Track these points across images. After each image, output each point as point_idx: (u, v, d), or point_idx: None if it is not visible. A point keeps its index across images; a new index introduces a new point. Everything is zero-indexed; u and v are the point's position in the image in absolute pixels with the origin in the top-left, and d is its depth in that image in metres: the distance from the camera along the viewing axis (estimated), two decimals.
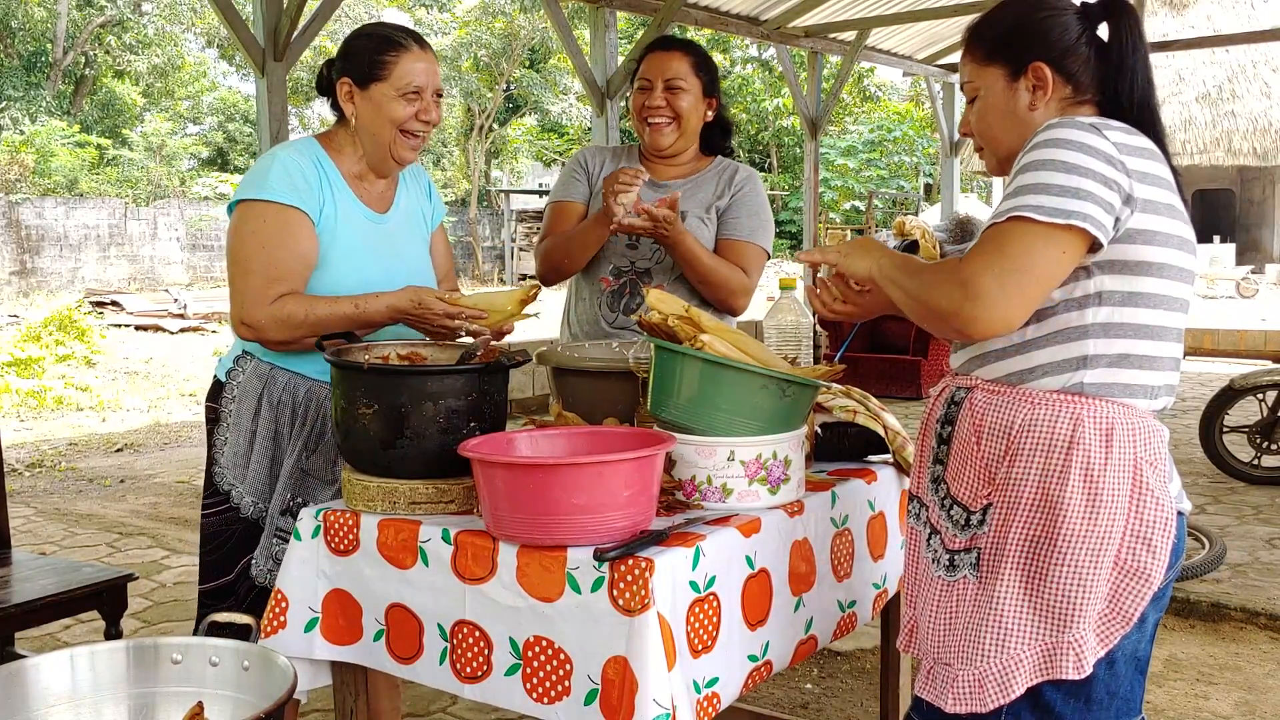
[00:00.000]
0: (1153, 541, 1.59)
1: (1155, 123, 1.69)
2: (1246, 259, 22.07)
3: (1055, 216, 1.52)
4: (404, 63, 2.24)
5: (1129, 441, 1.59)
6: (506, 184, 30.59)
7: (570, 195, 2.86)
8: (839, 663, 3.63)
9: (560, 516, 1.64)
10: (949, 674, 1.64)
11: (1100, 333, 1.60)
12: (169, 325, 15.95)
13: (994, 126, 1.76)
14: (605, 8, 8.59)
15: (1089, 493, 1.57)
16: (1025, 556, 1.60)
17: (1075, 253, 1.56)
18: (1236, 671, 3.57)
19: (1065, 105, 1.72)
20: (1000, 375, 1.66)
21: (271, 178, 2.22)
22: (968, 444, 1.67)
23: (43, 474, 6.85)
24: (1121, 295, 1.60)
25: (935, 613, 1.69)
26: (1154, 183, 1.59)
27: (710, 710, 1.70)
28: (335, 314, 2.18)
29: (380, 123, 2.27)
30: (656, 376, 1.89)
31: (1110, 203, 1.55)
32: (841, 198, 25.39)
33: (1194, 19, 18.51)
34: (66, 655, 1.73)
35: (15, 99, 26.04)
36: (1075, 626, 1.56)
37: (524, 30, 26.55)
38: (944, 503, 1.72)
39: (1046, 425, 1.60)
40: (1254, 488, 5.90)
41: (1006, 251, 1.54)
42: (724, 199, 2.79)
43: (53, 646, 3.69)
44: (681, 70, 2.71)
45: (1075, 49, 1.70)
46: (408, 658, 1.85)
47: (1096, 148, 1.56)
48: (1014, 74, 1.72)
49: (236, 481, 2.30)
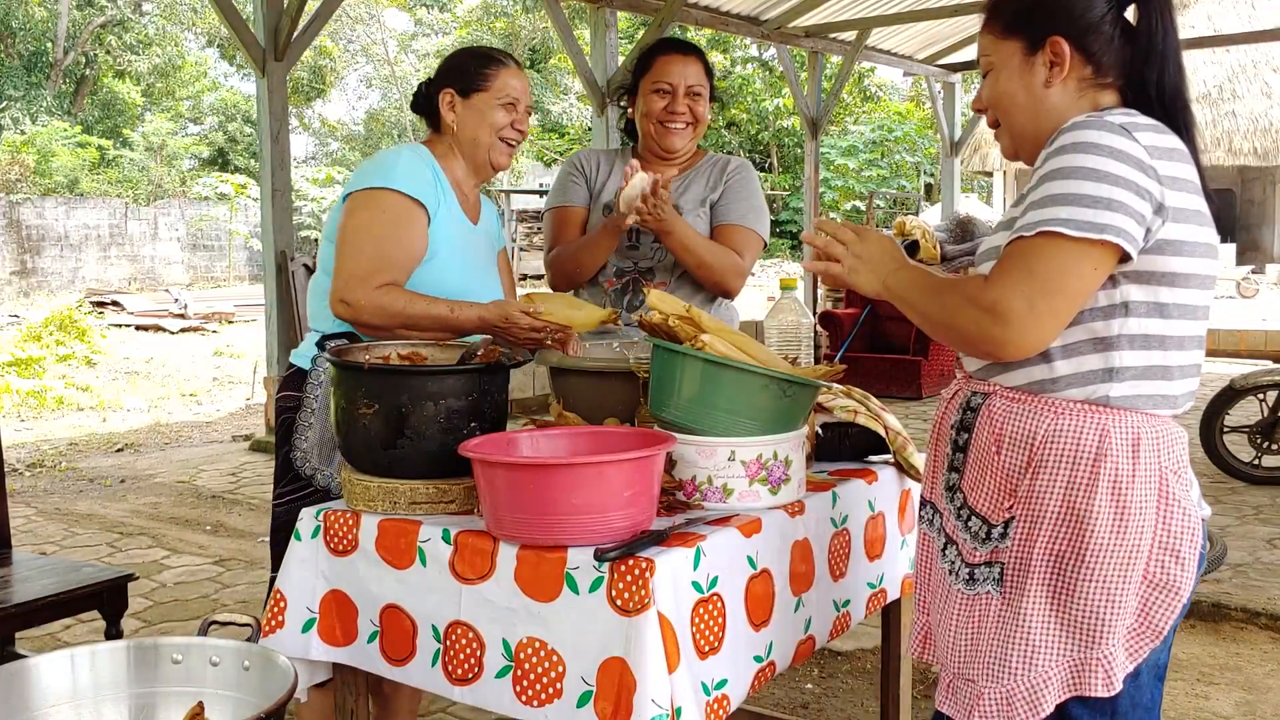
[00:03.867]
0: (1181, 553, 1.55)
1: (1186, 115, 1.61)
2: (1247, 259, 22.05)
3: (1088, 231, 1.45)
4: (503, 76, 2.44)
5: (1155, 451, 1.55)
6: (507, 184, 30.57)
7: (570, 200, 2.86)
8: (839, 663, 3.63)
9: (560, 516, 1.64)
10: (974, 690, 1.59)
11: (1127, 344, 1.54)
12: (169, 325, 15.95)
13: (1008, 103, 1.67)
14: (605, 8, 8.59)
15: (1117, 506, 1.52)
16: (1051, 572, 1.55)
17: (1107, 267, 1.50)
18: (1237, 671, 3.57)
19: (1084, 87, 1.63)
20: (1021, 383, 1.60)
21: (399, 170, 2.35)
22: (987, 453, 1.61)
23: (43, 474, 6.85)
24: (1148, 306, 1.54)
25: (956, 626, 1.64)
26: (1183, 188, 1.53)
27: (721, 712, 1.70)
28: (430, 314, 2.26)
29: (482, 128, 2.43)
30: (657, 376, 1.89)
31: (1142, 213, 1.48)
32: (842, 198, 25.38)
33: (1194, 19, 18.50)
34: (67, 655, 1.73)
35: (16, 99, 26.05)
36: (1105, 642, 1.53)
37: (524, 30, 26.57)
38: (960, 513, 1.66)
39: (1072, 436, 1.54)
40: (1254, 488, 5.90)
41: (1036, 271, 1.47)
42: (717, 190, 2.80)
43: (53, 646, 3.69)
44: (699, 75, 2.76)
45: (1098, 27, 1.61)
46: (400, 659, 1.84)
47: (1128, 152, 1.48)
48: (1031, 48, 1.63)
49: (322, 464, 2.30)
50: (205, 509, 5.93)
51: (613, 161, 2.87)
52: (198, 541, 5.29)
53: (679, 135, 2.77)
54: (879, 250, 1.69)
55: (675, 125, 2.75)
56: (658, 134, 2.77)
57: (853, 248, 1.71)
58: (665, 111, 2.74)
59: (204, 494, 6.24)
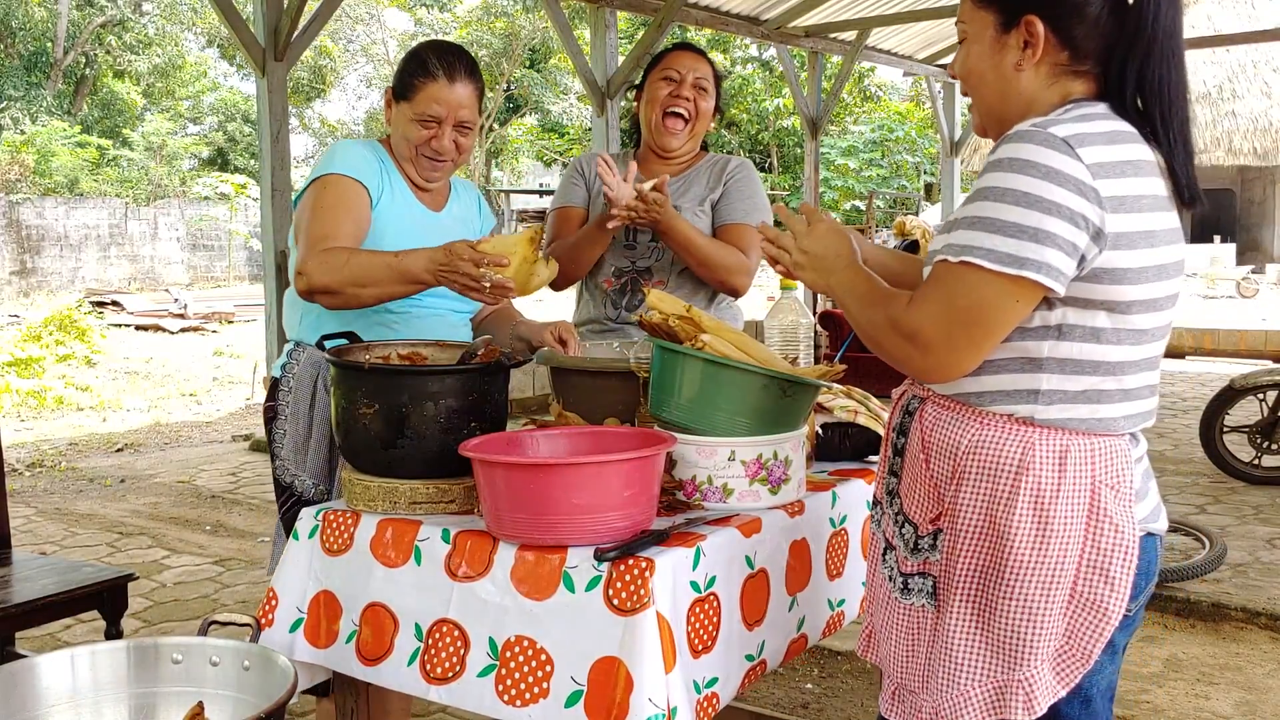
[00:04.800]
0: (1110, 572, 1.45)
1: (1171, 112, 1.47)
2: (1246, 259, 22.06)
3: (1008, 266, 1.37)
4: (429, 90, 2.30)
5: (1086, 464, 1.46)
6: (507, 184, 30.60)
7: (570, 200, 2.91)
8: (839, 663, 3.63)
9: (560, 516, 1.64)
10: (915, 701, 1.57)
11: (1056, 368, 1.46)
12: (169, 325, 15.95)
13: (980, 81, 1.57)
14: (605, 8, 8.59)
15: (1039, 521, 1.44)
16: (974, 588, 1.49)
17: (1030, 301, 1.42)
18: (1237, 671, 3.57)
19: (1057, 73, 1.51)
20: (952, 392, 1.54)
21: (338, 157, 2.32)
22: (916, 460, 1.58)
23: (43, 474, 6.85)
24: (1084, 330, 1.44)
25: (896, 634, 1.61)
26: (1133, 207, 1.41)
27: (710, 710, 1.70)
28: (375, 262, 2.17)
29: (398, 139, 2.37)
30: (657, 376, 1.89)
31: (1074, 243, 1.38)
32: (842, 198, 25.37)
33: (1194, 19, 18.51)
34: (67, 655, 1.73)
35: (15, 99, 26.04)
36: (1026, 664, 1.45)
37: (524, 30, 26.56)
38: (897, 518, 1.62)
39: (993, 448, 1.47)
40: (1254, 488, 5.90)
41: (955, 304, 1.42)
42: (717, 190, 2.83)
43: (53, 646, 3.69)
44: (708, 73, 2.80)
45: (1081, 9, 1.47)
46: (374, 659, 1.83)
47: (1067, 173, 1.37)
48: (1005, 25, 1.52)
49: (298, 471, 2.32)
50: (205, 509, 5.93)
51: (615, 162, 2.88)
52: (197, 541, 5.29)
53: (675, 132, 2.78)
54: (824, 247, 1.65)
55: (676, 111, 2.77)
56: (657, 129, 2.79)
57: (801, 242, 1.68)
58: (670, 97, 2.77)
59: (204, 494, 6.24)
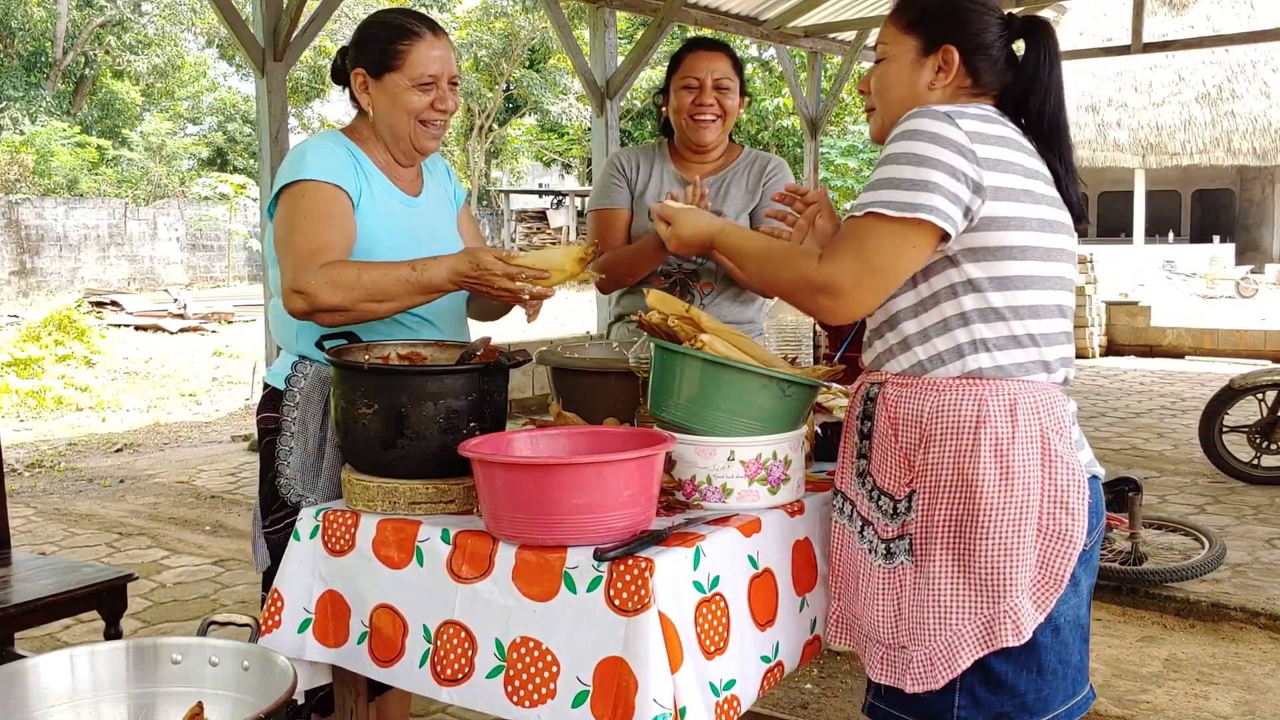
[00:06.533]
0: (1069, 504, 1.66)
1: (1063, 137, 1.78)
2: (1246, 259, 22.05)
3: (904, 211, 1.61)
4: (417, 51, 2.19)
5: (1033, 413, 1.67)
6: (506, 184, 30.60)
7: (615, 203, 2.89)
8: (839, 663, 3.63)
9: (560, 516, 1.64)
10: (905, 656, 1.70)
11: (978, 318, 1.69)
12: (169, 325, 15.95)
13: (891, 93, 1.83)
14: (605, 8, 8.59)
15: (1001, 466, 1.64)
16: (952, 535, 1.67)
17: (926, 245, 1.65)
18: (1236, 671, 3.57)
19: (959, 95, 1.79)
20: (905, 368, 1.75)
21: (307, 160, 2.17)
22: (886, 436, 1.75)
23: (43, 474, 6.85)
24: (991, 280, 1.68)
25: (883, 601, 1.74)
26: (1008, 169, 1.66)
27: (732, 713, 1.70)
28: (391, 276, 2.05)
29: (397, 113, 2.22)
30: (657, 376, 1.89)
31: (957, 194, 1.62)
32: (842, 197, 25.36)
33: (1194, 19, 18.50)
34: (66, 655, 1.73)
35: (15, 99, 26.03)
36: (1009, 595, 1.63)
37: (524, 30, 26.55)
38: (872, 494, 1.78)
39: (953, 409, 1.68)
40: (1254, 488, 5.90)
41: (864, 251, 1.65)
42: (756, 196, 2.86)
43: (53, 646, 3.69)
44: (726, 69, 2.81)
45: (988, 49, 1.78)
46: (388, 660, 1.84)
47: (948, 137, 1.63)
48: (926, 50, 1.79)
49: (308, 491, 2.10)
50: (204, 509, 5.93)
51: (651, 159, 2.92)
52: (197, 541, 5.29)
53: (708, 129, 2.81)
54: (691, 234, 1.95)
55: (703, 118, 2.79)
56: (689, 128, 2.82)
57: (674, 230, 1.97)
58: (694, 105, 2.79)
59: (203, 494, 6.24)
